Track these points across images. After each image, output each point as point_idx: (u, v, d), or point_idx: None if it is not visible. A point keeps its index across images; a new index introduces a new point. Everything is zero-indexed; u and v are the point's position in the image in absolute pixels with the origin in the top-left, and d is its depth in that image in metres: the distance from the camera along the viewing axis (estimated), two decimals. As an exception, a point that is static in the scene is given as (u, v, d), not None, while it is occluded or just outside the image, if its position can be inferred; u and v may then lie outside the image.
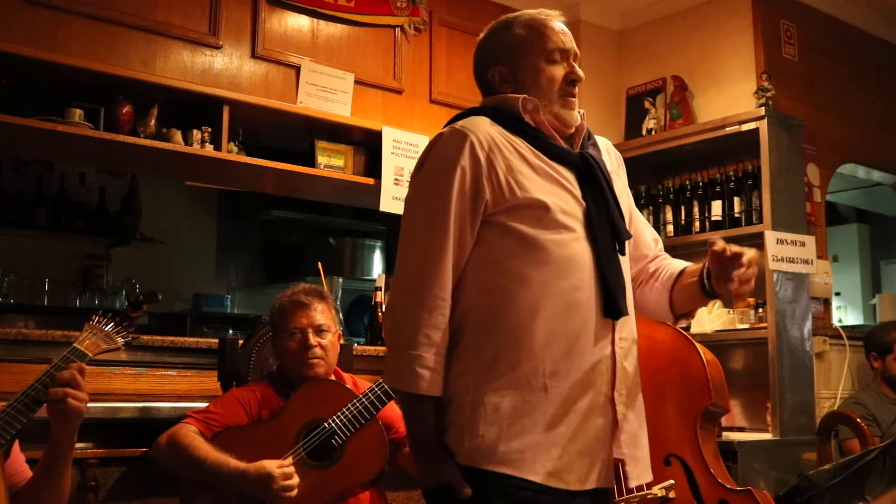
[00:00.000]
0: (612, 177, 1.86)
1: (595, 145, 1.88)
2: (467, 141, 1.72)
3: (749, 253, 1.71)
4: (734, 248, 1.71)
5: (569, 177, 1.76)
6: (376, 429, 2.41)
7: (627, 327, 1.79)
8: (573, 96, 1.82)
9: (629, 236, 1.80)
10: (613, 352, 1.74)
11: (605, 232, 1.74)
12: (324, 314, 2.53)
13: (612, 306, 1.71)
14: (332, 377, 2.55)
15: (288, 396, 2.46)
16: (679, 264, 1.93)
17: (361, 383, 2.60)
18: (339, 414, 2.38)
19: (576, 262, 1.70)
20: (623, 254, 1.78)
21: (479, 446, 1.66)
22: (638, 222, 1.97)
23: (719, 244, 1.71)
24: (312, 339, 2.48)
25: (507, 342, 1.68)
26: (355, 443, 2.38)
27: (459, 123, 1.78)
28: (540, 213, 1.70)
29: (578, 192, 1.75)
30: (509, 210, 1.70)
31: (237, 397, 2.48)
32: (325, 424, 2.37)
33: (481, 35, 1.94)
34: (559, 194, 1.73)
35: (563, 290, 1.69)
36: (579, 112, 1.85)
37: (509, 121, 1.78)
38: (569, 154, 1.78)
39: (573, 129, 1.83)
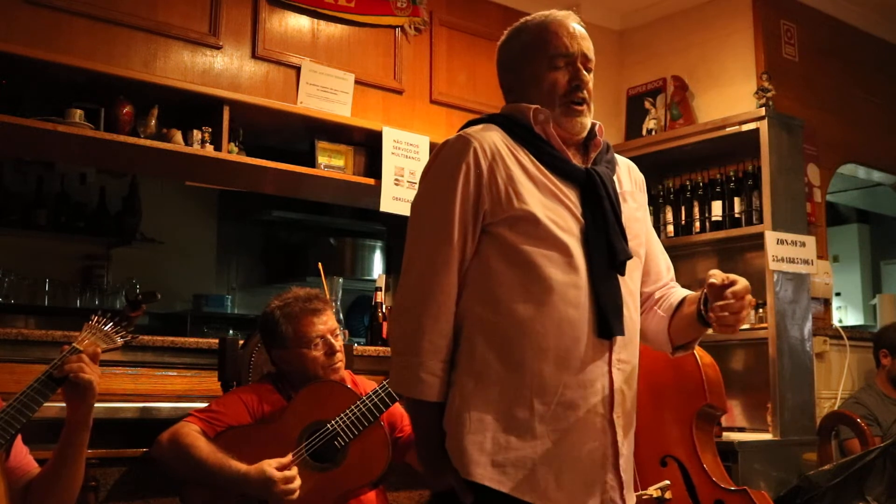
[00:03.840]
0: (628, 198, 1.84)
1: (611, 162, 1.84)
2: (471, 148, 1.71)
3: (740, 283, 1.66)
4: (731, 277, 1.67)
5: (570, 193, 1.73)
6: (380, 431, 2.40)
7: (627, 350, 1.75)
8: (578, 102, 1.77)
9: (628, 257, 1.75)
10: (610, 373, 1.71)
11: (602, 251, 1.71)
12: (332, 317, 2.53)
13: (604, 326, 1.68)
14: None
15: (290, 397, 2.45)
16: (682, 293, 1.89)
17: (361, 381, 2.60)
18: (342, 416, 2.36)
19: (570, 279, 1.68)
20: (622, 274, 1.74)
21: (464, 456, 1.65)
22: (653, 249, 1.93)
23: (718, 277, 1.67)
24: (336, 344, 2.47)
25: (496, 354, 1.67)
26: (358, 445, 2.37)
27: (466, 130, 1.77)
28: (533, 226, 1.68)
29: (578, 209, 1.73)
30: (505, 221, 1.69)
31: (240, 397, 2.47)
32: (328, 426, 2.36)
33: (498, 42, 1.92)
34: (556, 210, 1.71)
35: (554, 306, 1.67)
36: (596, 124, 1.83)
37: (518, 130, 1.77)
38: (573, 169, 1.76)
39: (581, 138, 1.81)
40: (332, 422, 2.36)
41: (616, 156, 1.89)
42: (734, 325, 1.67)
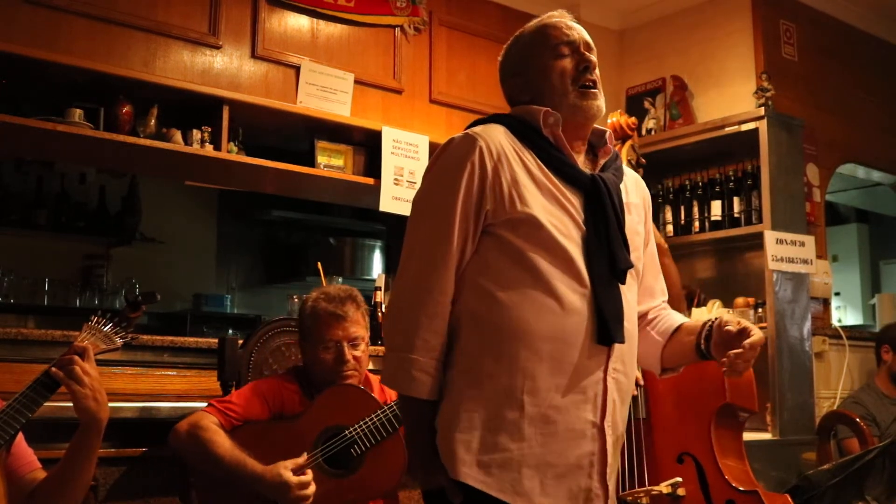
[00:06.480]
0: (632, 210, 1.83)
1: (619, 170, 1.84)
2: (477, 147, 1.70)
3: (756, 335, 1.67)
4: (744, 324, 1.69)
5: (573, 199, 1.72)
6: (397, 443, 2.34)
7: (623, 360, 1.73)
8: (591, 85, 1.79)
9: (629, 266, 1.74)
10: (605, 381, 1.69)
11: (603, 258, 1.70)
12: (358, 324, 2.48)
13: (604, 332, 1.67)
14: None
15: (312, 396, 2.42)
16: (678, 319, 1.89)
17: (389, 389, 2.57)
18: (361, 423, 2.33)
19: (570, 284, 1.67)
20: (622, 282, 1.73)
21: (452, 454, 1.64)
22: (652, 268, 1.94)
23: (733, 324, 1.69)
24: (348, 354, 2.43)
25: (489, 353, 1.66)
26: (375, 455, 2.33)
27: (473, 129, 1.76)
28: (534, 230, 1.67)
29: (581, 216, 1.71)
30: (507, 223, 1.68)
31: (261, 391, 2.43)
32: (346, 432, 2.33)
33: (499, 58, 1.93)
34: (558, 215, 1.69)
35: (551, 310, 1.65)
36: (606, 131, 1.84)
37: (526, 133, 1.76)
38: (579, 174, 1.75)
39: (588, 135, 1.82)
40: (351, 428, 2.33)
41: (625, 168, 1.89)
42: (744, 371, 1.68)
